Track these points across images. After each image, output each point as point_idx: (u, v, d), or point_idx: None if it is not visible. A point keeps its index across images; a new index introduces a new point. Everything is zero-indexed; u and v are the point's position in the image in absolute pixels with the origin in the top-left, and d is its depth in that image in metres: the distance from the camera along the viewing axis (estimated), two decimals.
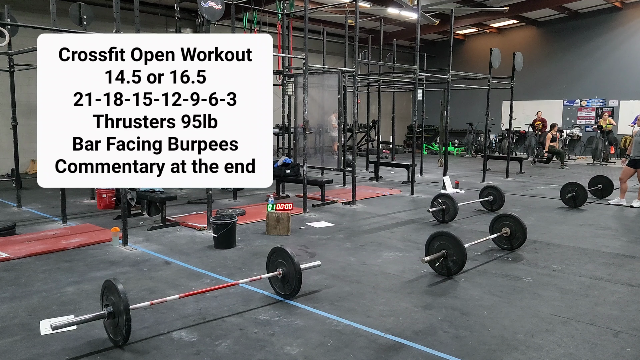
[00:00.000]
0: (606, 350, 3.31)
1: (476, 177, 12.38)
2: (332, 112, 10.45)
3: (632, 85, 17.03)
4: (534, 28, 19.20)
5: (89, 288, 4.38)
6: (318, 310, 3.91)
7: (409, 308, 3.99)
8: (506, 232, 5.63)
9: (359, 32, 9.21)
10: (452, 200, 7.15)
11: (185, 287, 4.37)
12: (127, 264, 5.10)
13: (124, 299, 3.17)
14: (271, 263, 4.31)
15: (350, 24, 11.98)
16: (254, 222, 7.06)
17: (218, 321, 3.71)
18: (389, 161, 14.60)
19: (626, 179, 8.43)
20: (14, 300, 4.12)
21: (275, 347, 3.30)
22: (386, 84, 13.61)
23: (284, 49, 10.48)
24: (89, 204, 8.37)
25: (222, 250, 5.65)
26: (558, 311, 3.95)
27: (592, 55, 17.92)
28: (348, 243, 6.01)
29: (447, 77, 10.54)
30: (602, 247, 5.87)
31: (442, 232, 4.84)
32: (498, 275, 4.81)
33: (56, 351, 3.23)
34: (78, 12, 8.07)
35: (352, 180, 8.52)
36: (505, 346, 3.35)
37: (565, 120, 18.49)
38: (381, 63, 11.05)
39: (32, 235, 6.18)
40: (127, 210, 5.85)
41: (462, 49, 20.56)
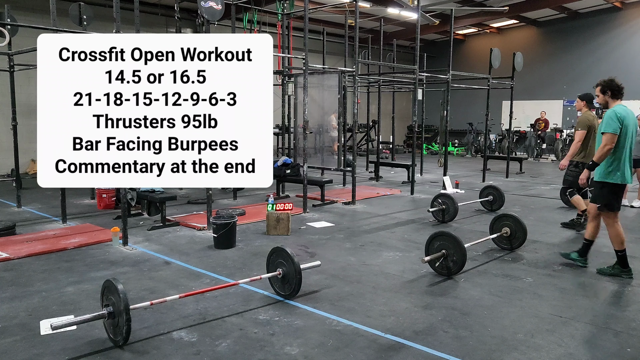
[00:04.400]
0: (606, 350, 3.30)
1: (476, 177, 12.39)
2: (332, 112, 10.45)
3: (632, 85, 16.96)
4: (534, 28, 19.20)
5: (89, 288, 4.38)
6: (318, 310, 3.91)
7: (409, 308, 3.99)
8: (506, 232, 5.63)
9: (359, 32, 9.21)
10: (452, 200, 7.15)
11: (185, 287, 4.37)
12: (127, 264, 5.10)
13: (124, 299, 3.17)
14: (271, 263, 4.31)
15: (350, 24, 11.99)
16: (254, 222, 7.06)
17: (218, 321, 3.71)
18: (389, 161, 14.60)
19: None
20: (14, 300, 4.12)
21: (275, 347, 3.30)
22: (386, 84, 13.61)
23: (284, 49, 10.48)
24: (89, 204, 8.37)
25: (222, 250, 5.65)
26: (558, 311, 3.95)
27: (592, 55, 17.92)
28: (348, 243, 6.01)
29: (447, 77, 10.54)
30: (602, 247, 5.86)
31: (442, 232, 4.84)
32: (498, 275, 4.81)
33: (56, 351, 3.23)
34: (78, 12, 8.07)
35: (352, 180, 8.52)
36: (505, 346, 3.35)
37: (565, 120, 18.49)
38: (381, 63, 11.05)
39: (32, 235, 6.18)
40: (127, 210, 5.85)
41: (462, 49, 20.57)
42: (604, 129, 4.58)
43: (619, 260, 4.78)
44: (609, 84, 4.77)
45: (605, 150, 4.58)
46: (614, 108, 4.68)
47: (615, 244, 4.77)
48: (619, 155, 4.62)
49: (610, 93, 4.76)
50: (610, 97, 4.78)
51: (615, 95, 4.76)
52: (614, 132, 4.53)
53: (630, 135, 4.66)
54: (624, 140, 4.62)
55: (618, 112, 4.59)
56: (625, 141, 4.62)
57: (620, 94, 4.77)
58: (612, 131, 4.53)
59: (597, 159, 4.65)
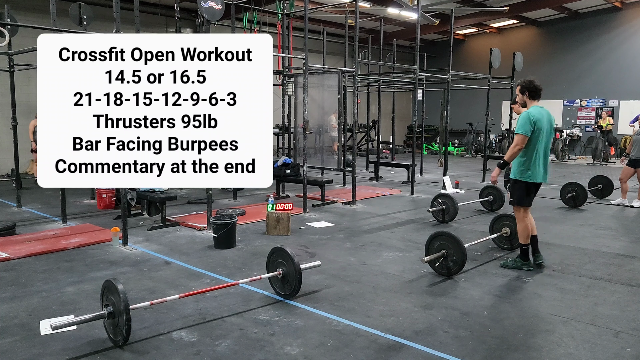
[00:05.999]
0: (606, 350, 3.30)
1: (476, 177, 12.39)
2: (332, 112, 10.45)
3: (632, 85, 17.03)
4: (534, 28, 19.20)
5: (89, 288, 4.38)
6: (318, 310, 3.91)
7: (409, 308, 3.99)
8: (506, 232, 5.63)
9: (359, 32, 9.21)
10: (452, 200, 7.15)
11: (185, 287, 4.37)
12: (127, 264, 5.10)
13: (124, 299, 3.17)
14: (271, 263, 4.31)
15: (350, 24, 11.99)
16: (254, 222, 7.06)
17: (218, 321, 3.71)
18: (389, 161, 14.59)
19: (626, 179, 8.43)
20: (14, 300, 4.12)
21: (275, 347, 3.30)
22: (386, 84, 13.61)
23: (284, 49, 10.48)
24: (89, 204, 8.37)
25: (222, 250, 5.65)
26: (558, 311, 3.95)
27: (592, 55, 17.92)
28: (348, 243, 6.01)
29: (447, 77, 10.54)
30: (602, 247, 5.87)
31: (442, 232, 4.84)
32: (498, 275, 4.81)
33: (56, 351, 3.23)
34: (78, 12, 8.07)
35: (352, 180, 8.52)
36: (505, 346, 3.35)
37: (565, 120, 18.50)
38: (381, 63, 11.05)
39: (32, 235, 6.18)
40: (127, 210, 5.85)
41: (462, 49, 20.57)
42: (517, 130, 4.77)
43: (522, 253, 5.00)
44: (528, 85, 4.90)
45: (515, 150, 4.78)
46: (529, 110, 4.83)
47: (521, 238, 4.98)
48: (530, 155, 4.80)
49: (528, 94, 4.91)
50: (528, 98, 4.92)
51: (532, 96, 4.90)
52: (525, 134, 4.72)
53: (543, 136, 4.81)
54: (536, 141, 4.78)
55: (532, 114, 4.74)
56: (538, 142, 4.79)
57: (538, 95, 4.91)
58: (523, 132, 4.71)
59: (507, 158, 4.88)
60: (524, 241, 4.97)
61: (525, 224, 4.95)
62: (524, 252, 5.00)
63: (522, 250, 5.01)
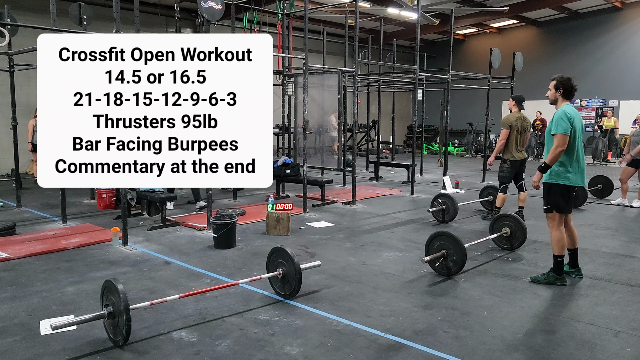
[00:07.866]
0: (606, 350, 3.31)
1: (476, 177, 12.39)
2: (332, 112, 10.46)
3: (632, 85, 17.03)
4: (534, 28, 19.20)
5: (89, 288, 4.38)
6: (318, 310, 3.91)
7: (409, 308, 3.99)
8: (506, 232, 5.63)
9: (359, 32, 9.21)
10: (452, 200, 7.15)
11: (185, 287, 4.37)
12: (127, 264, 5.10)
13: (124, 299, 3.17)
14: (271, 263, 4.31)
15: (350, 24, 11.98)
16: (254, 222, 7.06)
17: (218, 321, 3.71)
18: (389, 161, 14.59)
19: (626, 179, 8.43)
20: (14, 300, 4.12)
21: (275, 347, 3.30)
22: (386, 84, 13.61)
23: (284, 49, 10.48)
24: (89, 204, 8.37)
25: (222, 250, 5.65)
26: (558, 311, 3.95)
27: (592, 55, 17.92)
28: (348, 243, 6.01)
29: (447, 77, 10.54)
30: (602, 247, 5.87)
31: (442, 232, 4.84)
32: (498, 275, 4.81)
33: (56, 351, 3.23)
34: (78, 12, 8.07)
35: (352, 180, 8.53)
36: (505, 346, 3.35)
37: None
38: (381, 63, 11.04)
39: (32, 235, 6.18)
40: (127, 210, 5.85)
41: (462, 49, 20.57)
42: (555, 130, 4.34)
43: (555, 266, 4.53)
44: (565, 83, 4.49)
45: (557, 152, 4.32)
46: (563, 108, 4.45)
47: (556, 248, 4.51)
48: (569, 156, 4.42)
49: (562, 91, 4.50)
50: (562, 96, 4.52)
51: (566, 95, 4.52)
52: (565, 133, 4.30)
53: (579, 136, 4.45)
54: (573, 141, 4.40)
55: (568, 112, 4.38)
56: (575, 142, 4.41)
57: (571, 95, 4.54)
58: (563, 132, 4.30)
59: (549, 161, 4.39)
60: (559, 252, 4.48)
61: (561, 232, 4.50)
62: (558, 265, 4.50)
63: (556, 262, 4.51)
